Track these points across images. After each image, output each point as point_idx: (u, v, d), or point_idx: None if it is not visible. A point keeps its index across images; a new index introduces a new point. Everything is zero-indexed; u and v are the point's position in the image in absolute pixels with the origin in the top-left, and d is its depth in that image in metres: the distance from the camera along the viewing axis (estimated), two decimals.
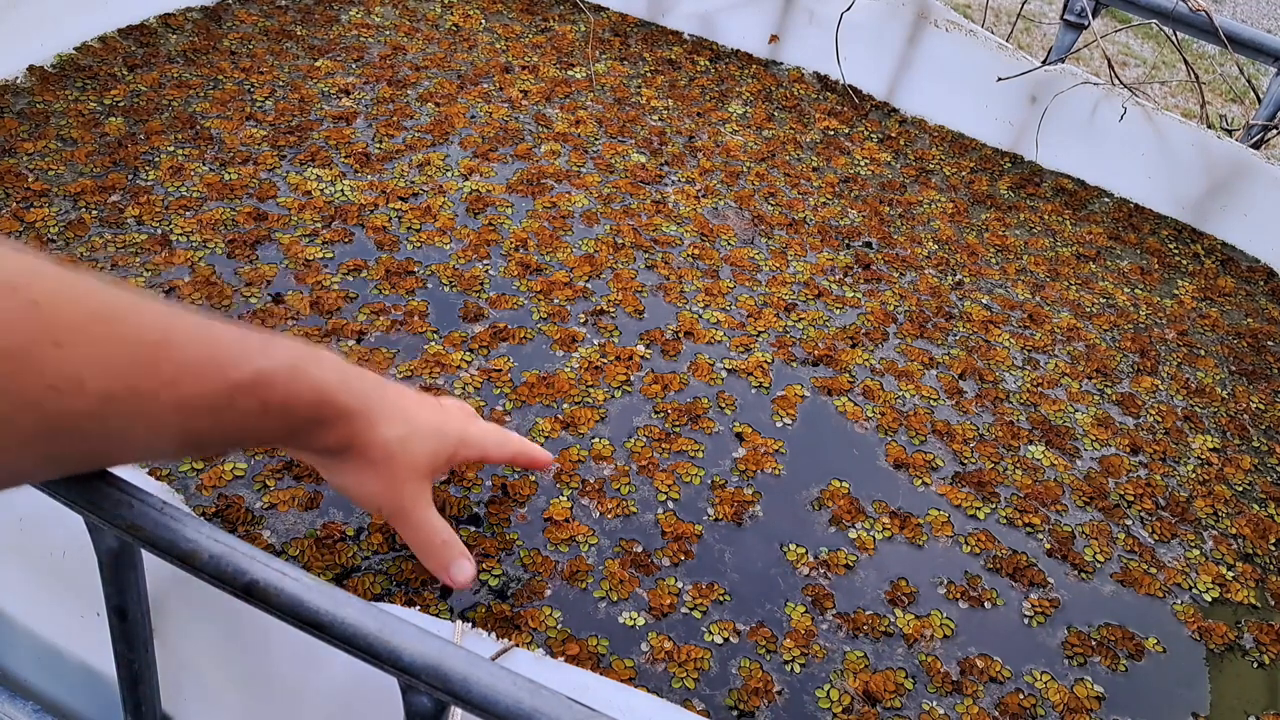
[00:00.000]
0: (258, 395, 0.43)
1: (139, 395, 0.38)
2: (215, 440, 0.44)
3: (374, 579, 0.65)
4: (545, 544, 0.71)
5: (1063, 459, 0.87)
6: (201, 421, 0.41)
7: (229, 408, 0.42)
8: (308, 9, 1.30)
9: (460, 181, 1.05)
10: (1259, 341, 1.07)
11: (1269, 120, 1.31)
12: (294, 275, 0.89)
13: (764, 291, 0.99)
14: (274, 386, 0.44)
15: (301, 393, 0.46)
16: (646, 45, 1.37)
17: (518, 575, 0.68)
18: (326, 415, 0.49)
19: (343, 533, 0.68)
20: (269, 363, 0.44)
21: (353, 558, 0.66)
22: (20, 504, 0.54)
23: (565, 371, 0.85)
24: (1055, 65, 1.26)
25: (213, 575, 0.41)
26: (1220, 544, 0.83)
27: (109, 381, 0.37)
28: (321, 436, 0.50)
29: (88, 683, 0.56)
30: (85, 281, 0.37)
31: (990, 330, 1.00)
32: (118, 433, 0.38)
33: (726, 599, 0.70)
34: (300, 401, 0.46)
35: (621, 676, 0.64)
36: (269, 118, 1.08)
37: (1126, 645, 0.73)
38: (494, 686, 0.38)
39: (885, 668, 0.68)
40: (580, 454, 0.78)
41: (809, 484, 0.80)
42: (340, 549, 0.67)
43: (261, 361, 0.43)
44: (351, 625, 0.39)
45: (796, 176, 1.17)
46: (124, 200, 0.94)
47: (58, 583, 0.55)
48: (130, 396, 0.37)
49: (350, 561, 0.66)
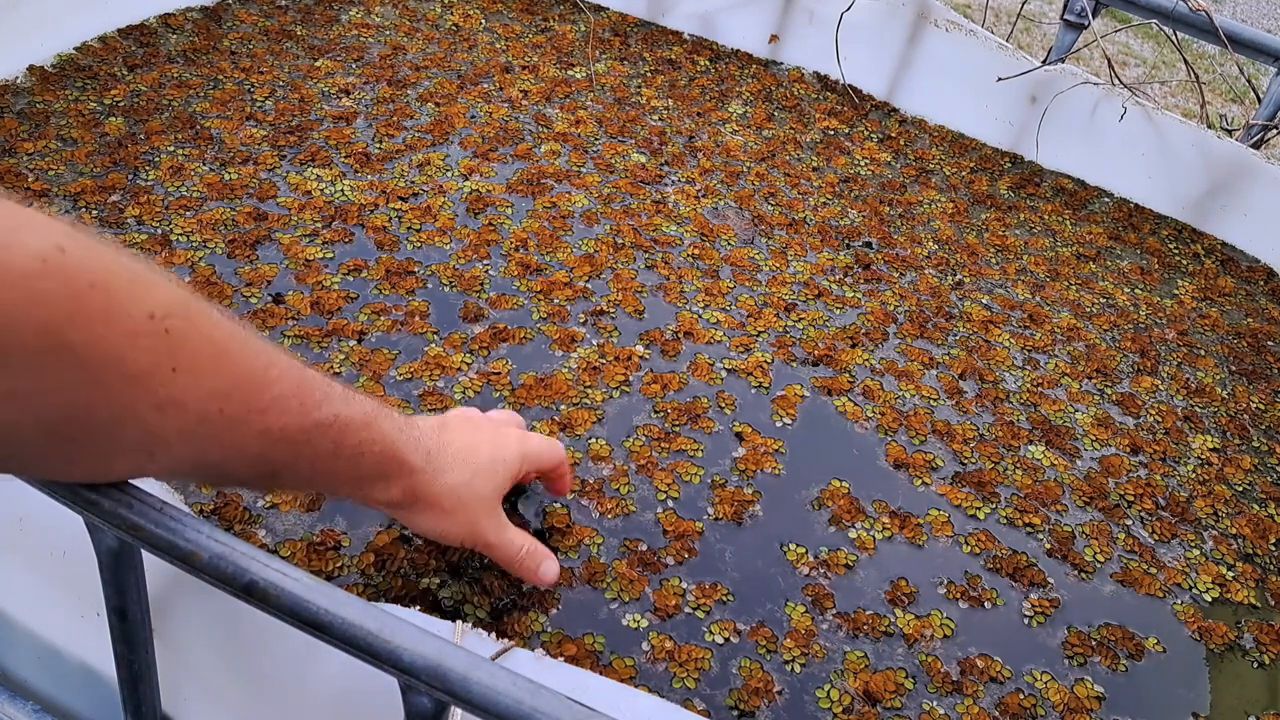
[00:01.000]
0: (333, 436, 0.47)
1: (231, 420, 0.42)
2: (287, 472, 0.47)
3: (360, 590, 0.65)
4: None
5: (1063, 459, 0.87)
6: (279, 451, 0.45)
7: (306, 443, 0.46)
8: (308, 9, 1.30)
9: (460, 181, 1.05)
10: (1259, 341, 1.07)
11: (1269, 120, 1.31)
12: (294, 275, 0.89)
13: (764, 291, 0.99)
14: (349, 431, 0.48)
15: (373, 441, 0.50)
16: (646, 45, 1.37)
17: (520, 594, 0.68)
18: (391, 470, 0.53)
19: (338, 542, 0.68)
20: (348, 410, 0.48)
21: (341, 568, 0.66)
22: (20, 504, 0.54)
23: (563, 372, 0.85)
24: (1055, 65, 1.26)
25: (213, 575, 0.41)
26: (1220, 544, 0.83)
27: (209, 406, 0.41)
28: (386, 489, 0.54)
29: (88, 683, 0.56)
30: (212, 314, 0.41)
31: (990, 330, 1.00)
32: (204, 454, 0.42)
33: (730, 599, 0.70)
34: (370, 452, 0.50)
35: (622, 676, 0.64)
36: (269, 118, 1.08)
37: (1126, 645, 0.73)
38: (494, 686, 0.38)
39: (885, 668, 0.68)
40: (575, 455, 0.78)
41: (809, 484, 0.80)
42: (330, 557, 0.67)
43: (341, 407, 0.47)
44: (351, 625, 0.39)
45: (796, 176, 1.17)
46: (124, 200, 0.94)
47: (58, 583, 0.55)
48: (223, 420, 0.41)
49: (337, 572, 0.66)
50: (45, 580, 0.56)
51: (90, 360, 0.36)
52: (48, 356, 0.35)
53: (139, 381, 0.38)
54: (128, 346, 0.37)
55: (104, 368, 0.36)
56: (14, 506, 0.55)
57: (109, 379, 0.37)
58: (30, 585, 0.56)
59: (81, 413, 0.37)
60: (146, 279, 0.38)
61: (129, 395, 0.38)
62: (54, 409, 0.36)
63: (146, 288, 0.38)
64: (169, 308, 0.38)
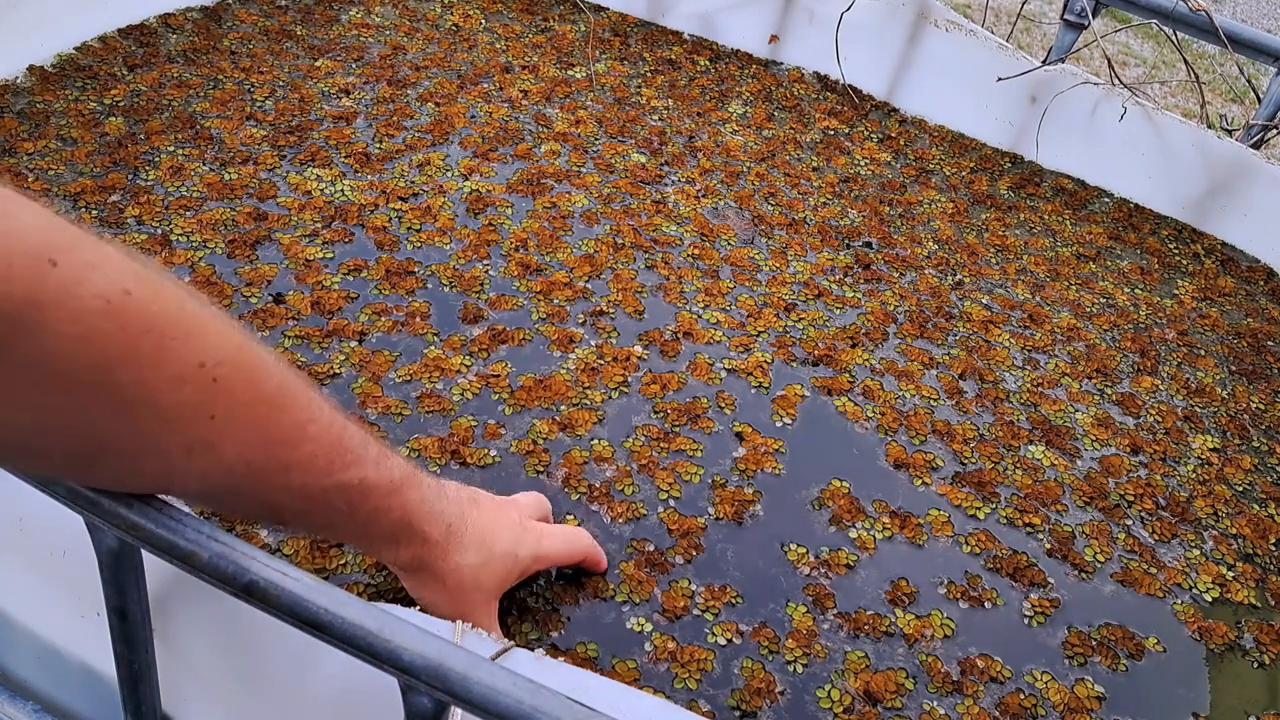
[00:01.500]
0: (352, 499, 0.47)
1: (255, 473, 0.42)
2: (297, 521, 0.47)
3: (361, 590, 0.65)
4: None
5: (1063, 459, 0.87)
6: (294, 504, 0.45)
7: (323, 501, 0.46)
8: (308, 9, 1.30)
9: (460, 181, 1.05)
10: (1259, 341, 1.07)
11: (1269, 120, 1.31)
12: (294, 275, 0.89)
13: (764, 291, 0.99)
14: (371, 497, 0.48)
15: (390, 509, 0.50)
16: (646, 45, 1.37)
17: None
18: (403, 536, 0.53)
19: None
20: (376, 474, 0.48)
21: (343, 566, 0.66)
22: (20, 504, 0.54)
23: (561, 374, 0.85)
24: (1055, 65, 1.26)
25: (213, 575, 0.41)
26: (1220, 544, 0.83)
27: (237, 457, 0.41)
28: (395, 552, 0.53)
29: (88, 683, 0.56)
30: (265, 365, 0.42)
31: (990, 330, 1.00)
32: (220, 494, 0.43)
33: (739, 601, 0.70)
34: (386, 518, 0.50)
35: (626, 679, 0.64)
36: (269, 118, 1.08)
37: (1127, 645, 0.73)
38: (494, 686, 0.38)
39: (886, 668, 0.68)
40: (582, 455, 0.78)
41: (809, 484, 0.80)
42: (333, 555, 0.67)
43: (370, 471, 0.48)
44: (351, 625, 0.39)
45: (796, 176, 1.17)
46: (124, 200, 0.94)
47: (58, 583, 0.55)
48: (247, 472, 0.42)
49: (340, 570, 0.66)
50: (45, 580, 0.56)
51: (131, 400, 0.37)
52: (92, 391, 0.36)
53: (173, 425, 0.38)
54: (170, 391, 0.38)
55: (141, 407, 0.37)
56: (14, 506, 0.55)
57: (144, 418, 0.38)
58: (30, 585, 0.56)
59: (109, 442, 0.38)
60: (206, 326, 0.39)
61: (160, 435, 0.38)
62: (85, 437, 0.37)
63: (203, 336, 0.39)
64: (221, 356, 0.39)
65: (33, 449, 0.37)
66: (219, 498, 0.44)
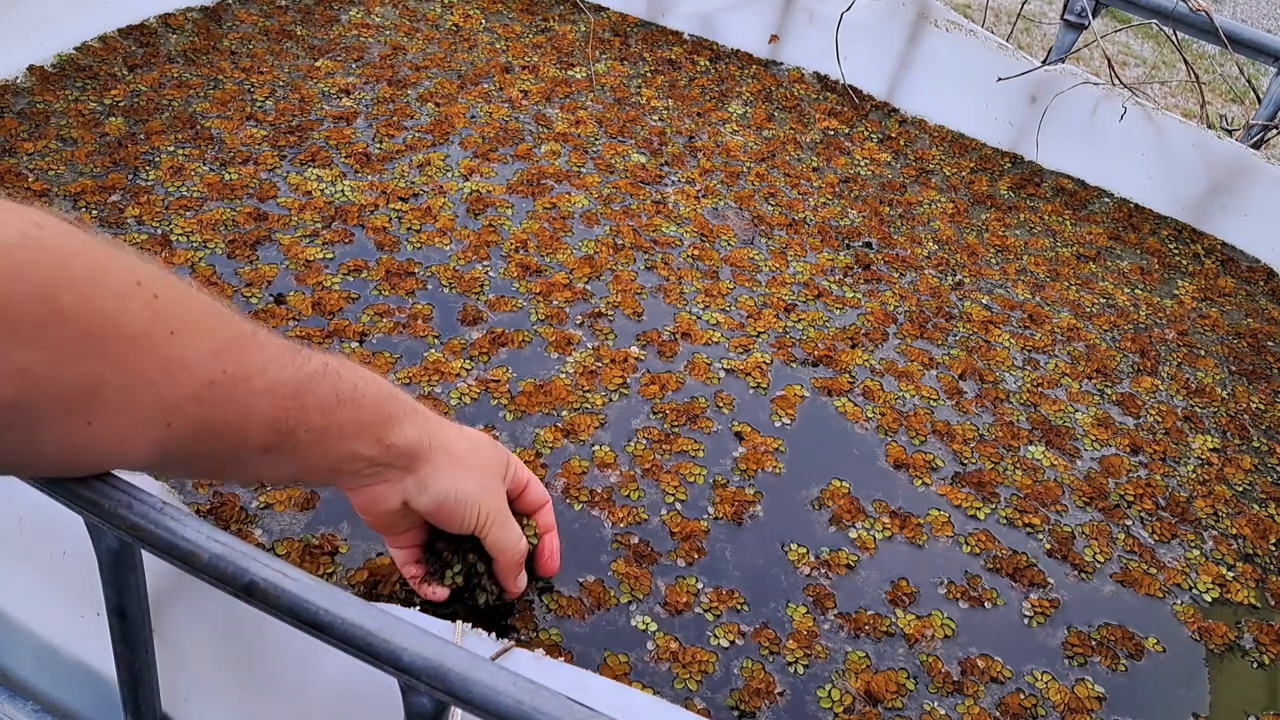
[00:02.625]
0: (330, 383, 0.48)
1: (236, 379, 0.43)
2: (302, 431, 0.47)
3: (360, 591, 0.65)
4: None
5: (1063, 459, 0.87)
6: (289, 408, 0.46)
7: (310, 393, 0.47)
8: (308, 9, 1.30)
9: (460, 182, 1.05)
10: (1259, 341, 1.07)
11: (1269, 120, 1.31)
12: (294, 276, 0.89)
13: (764, 292, 0.99)
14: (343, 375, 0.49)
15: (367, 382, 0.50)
16: (646, 45, 1.37)
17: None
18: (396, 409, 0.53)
19: (335, 547, 0.67)
20: (333, 359, 0.49)
21: (330, 575, 0.66)
22: (20, 504, 0.54)
23: (560, 378, 0.84)
24: (1055, 65, 1.26)
25: (213, 575, 0.41)
26: (1220, 544, 0.83)
27: (212, 366, 0.41)
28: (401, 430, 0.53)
29: (88, 683, 0.56)
30: (189, 285, 0.43)
31: (990, 330, 1.00)
32: (221, 420, 0.43)
33: (744, 607, 0.69)
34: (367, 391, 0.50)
35: (616, 672, 0.64)
36: (269, 118, 1.08)
37: (1126, 645, 0.73)
38: (494, 686, 0.38)
39: (887, 668, 0.68)
40: (582, 464, 0.77)
41: (809, 484, 0.80)
42: (324, 562, 0.66)
43: (326, 357, 0.49)
44: (351, 625, 0.39)
45: (796, 177, 1.17)
46: (124, 200, 0.94)
47: (58, 583, 0.55)
48: (228, 380, 0.42)
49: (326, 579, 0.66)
50: (45, 580, 0.55)
51: (88, 325, 0.37)
52: (48, 327, 0.36)
53: (139, 343, 0.39)
54: (121, 309, 0.38)
55: (103, 331, 0.37)
56: (14, 506, 0.55)
57: (110, 343, 0.38)
58: (30, 585, 0.56)
59: (93, 382, 0.38)
60: (123, 251, 0.40)
61: (133, 358, 0.39)
62: (65, 381, 0.37)
63: (125, 258, 0.40)
64: (150, 274, 0.40)
65: (31, 423, 0.37)
66: (221, 426, 0.43)
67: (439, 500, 0.56)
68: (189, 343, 0.41)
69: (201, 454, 0.44)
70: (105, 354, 0.38)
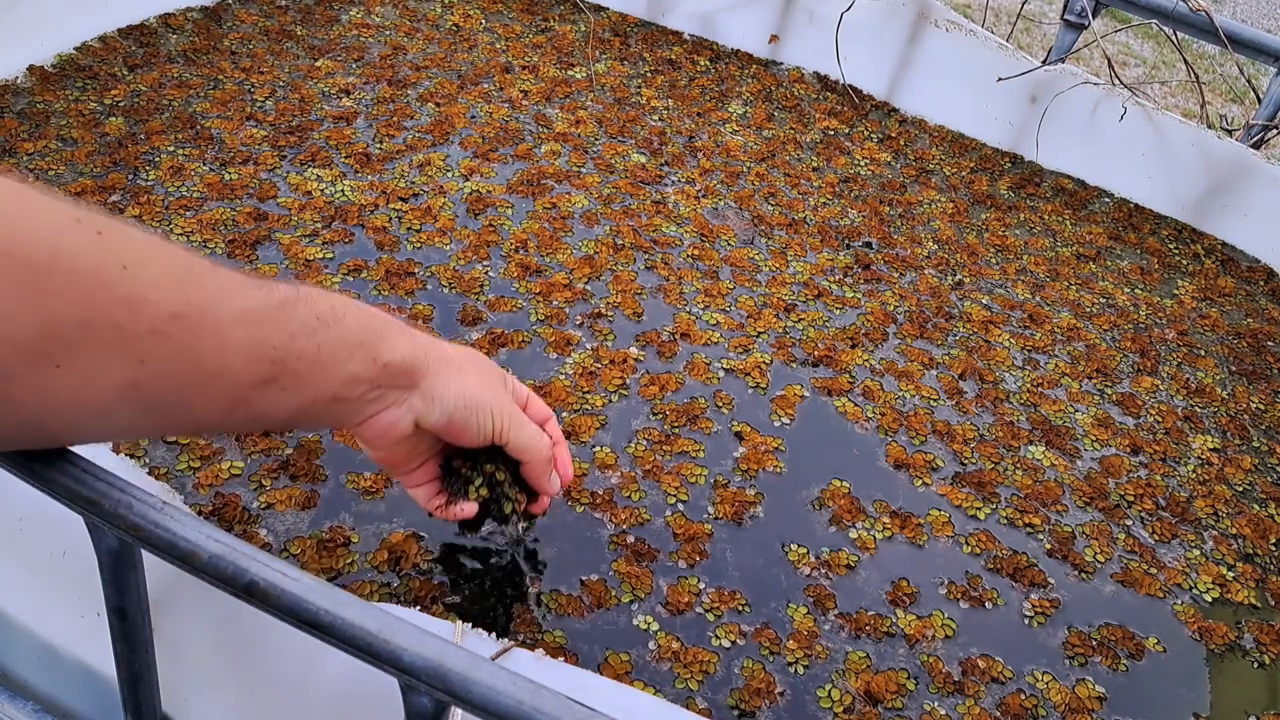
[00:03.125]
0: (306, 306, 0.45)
1: (203, 308, 0.41)
2: (292, 359, 0.45)
3: (372, 589, 0.65)
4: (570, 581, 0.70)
5: (1063, 459, 0.87)
6: (269, 334, 0.43)
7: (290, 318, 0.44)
8: (308, 9, 1.30)
9: (460, 182, 1.05)
10: (1259, 341, 1.07)
11: (1269, 120, 1.31)
12: (294, 275, 0.89)
13: (764, 292, 0.99)
14: (316, 299, 0.47)
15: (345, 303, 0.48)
16: (646, 45, 1.37)
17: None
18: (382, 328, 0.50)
19: (347, 538, 0.68)
20: (302, 284, 0.47)
21: (350, 564, 0.66)
22: (20, 504, 0.54)
23: (560, 379, 0.84)
24: (1055, 65, 1.26)
25: (213, 575, 0.41)
26: (1220, 544, 0.83)
27: (175, 298, 0.40)
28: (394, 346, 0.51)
29: (88, 683, 0.56)
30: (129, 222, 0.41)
31: (990, 330, 1.00)
32: (197, 352, 0.41)
33: (746, 609, 0.69)
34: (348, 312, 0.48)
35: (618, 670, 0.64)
36: (269, 118, 1.08)
37: (1127, 645, 0.73)
38: (494, 686, 0.38)
39: (887, 668, 0.68)
40: (583, 467, 0.77)
41: (810, 484, 0.80)
42: (340, 554, 0.67)
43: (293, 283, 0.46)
44: (351, 625, 0.39)
45: (796, 176, 1.17)
46: (124, 200, 0.94)
47: (58, 583, 0.55)
48: (195, 310, 0.40)
49: (348, 569, 0.66)
50: (45, 580, 0.55)
51: (30, 261, 0.36)
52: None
53: (93, 278, 0.37)
54: (63, 244, 0.37)
55: (49, 266, 0.36)
56: (14, 506, 0.55)
57: (59, 279, 0.36)
58: (30, 585, 0.56)
59: (49, 322, 0.36)
60: (60, 196, 0.38)
61: (89, 294, 0.37)
62: (20, 325, 0.36)
63: (60, 200, 0.38)
64: (90, 215, 0.38)
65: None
66: (204, 363, 0.41)
67: (450, 411, 0.54)
68: (144, 276, 0.39)
69: (192, 398, 0.42)
70: (55, 290, 0.36)
